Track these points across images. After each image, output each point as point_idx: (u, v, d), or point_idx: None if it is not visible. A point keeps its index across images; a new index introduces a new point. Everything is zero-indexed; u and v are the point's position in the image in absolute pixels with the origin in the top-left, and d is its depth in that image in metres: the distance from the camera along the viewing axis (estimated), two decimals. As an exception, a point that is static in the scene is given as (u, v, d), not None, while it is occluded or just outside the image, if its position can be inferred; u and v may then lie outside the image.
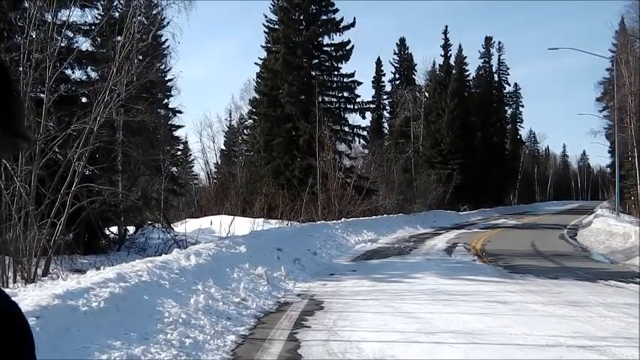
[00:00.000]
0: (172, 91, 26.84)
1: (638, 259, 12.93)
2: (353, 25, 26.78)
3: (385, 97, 49.48)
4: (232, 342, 5.74)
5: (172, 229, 16.31)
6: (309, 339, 5.88)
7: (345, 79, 27.36)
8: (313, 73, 26.70)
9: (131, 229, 15.49)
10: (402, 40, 50.34)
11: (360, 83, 27.71)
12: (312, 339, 5.88)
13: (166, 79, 24.08)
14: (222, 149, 45.72)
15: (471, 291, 9.04)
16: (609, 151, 44.14)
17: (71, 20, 11.22)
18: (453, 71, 45.58)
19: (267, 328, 6.43)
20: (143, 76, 11.97)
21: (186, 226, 18.05)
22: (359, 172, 27.01)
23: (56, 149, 9.63)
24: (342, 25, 26.58)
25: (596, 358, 5.24)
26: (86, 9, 12.84)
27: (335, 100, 27.68)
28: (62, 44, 10.74)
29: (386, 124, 49.16)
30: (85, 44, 13.35)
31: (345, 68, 27.61)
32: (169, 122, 28.20)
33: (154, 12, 17.62)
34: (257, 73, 30.35)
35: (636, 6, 29.66)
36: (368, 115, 34.65)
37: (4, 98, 0.70)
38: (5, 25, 11.39)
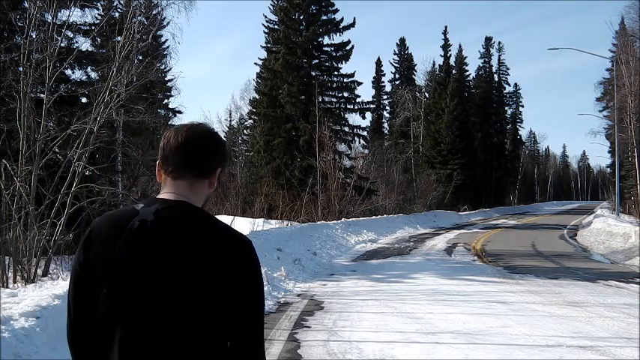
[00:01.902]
0: (172, 91, 26.84)
1: (638, 259, 12.93)
2: (353, 25, 26.79)
3: (385, 97, 49.53)
4: (232, 342, 5.72)
5: (172, 229, 16.29)
6: (309, 339, 5.88)
7: (345, 79, 27.34)
8: (313, 74, 26.69)
9: (131, 229, 15.48)
10: (402, 40, 50.41)
11: (360, 83, 27.72)
12: (312, 339, 5.88)
13: (166, 79, 24.08)
14: (222, 149, 45.70)
15: (471, 291, 9.04)
16: (609, 151, 44.17)
17: (71, 20, 11.20)
18: (453, 71, 45.58)
19: (267, 329, 6.42)
20: (143, 76, 11.95)
21: (186, 227, 18.03)
22: (359, 172, 26.99)
23: (56, 149, 9.61)
24: (342, 25, 26.59)
25: (596, 358, 5.24)
26: (86, 9, 12.84)
27: (335, 100, 27.67)
28: (62, 44, 10.72)
29: (386, 124, 49.21)
30: (85, 44, 13.35)
31: (345, 68, 27.63)
32: (169, 122, 28.16)
33: (154, 12, 17.65)
34: (257, 74, 30.39)
35: (636, 6, 29.70)
36: (368, 115, 34.74)
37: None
38: (5, 25, 11.39)
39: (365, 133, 29.31)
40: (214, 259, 1.27)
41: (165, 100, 27.01)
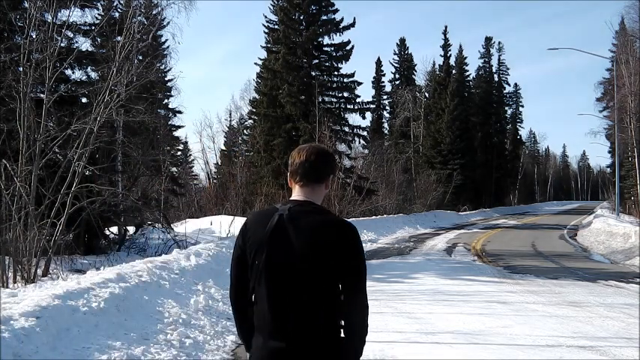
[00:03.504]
0: (172, 91, 26.85)
1: (638, 259, 12.93)
2: (353, 25, 26.79)
3: (385, 97, 49.55)
4: (232, 342, 5.73)
5: (172, 229, 16.28)
6: (309, 339, 5.86)
7: (345, 80, 27.34)
8: (313, 74, 26.69)
9: (131, 229, 15.46)
10: (402, 40, 50.42)
11: (360, 83, 27.71)
12: (312, 339, 5.86)
13: (166, 79, 24.08)
14: (222, 149, 45.67)
15: (471, 291, 9.04)
16: (609, 151, 44.18)
17: (71, 20, 11.19)
18: (453, 71, 45.57)
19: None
20: (143, 77, 11.95)
21: (186, 227, 18.03)
22: (359, 172, 27.00)
23: (56, 149, 9.62)
24: (342, 25, 26.58)
25: (596, 358, 5.23)
26: (86, 9, 12.82)
27: (335, 100, 27.66)
28: (62, 44, 10.71)
29: (386, 124, 49.21)
30: (85, 44, 13.33)
31: (345, 68, 27.62)
32: (169, 122, 28.18)
33: (154, 12, 17.65)
34: (257, 74, 30.39)
35: (636, 6, 29.71)
36: (368, 115, 34.71)
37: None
38: (5, 25, 11.38)
39: (365, 133, 29.30)
40: (329, 237, 1.85)
41: (165, 100, 27.02)
